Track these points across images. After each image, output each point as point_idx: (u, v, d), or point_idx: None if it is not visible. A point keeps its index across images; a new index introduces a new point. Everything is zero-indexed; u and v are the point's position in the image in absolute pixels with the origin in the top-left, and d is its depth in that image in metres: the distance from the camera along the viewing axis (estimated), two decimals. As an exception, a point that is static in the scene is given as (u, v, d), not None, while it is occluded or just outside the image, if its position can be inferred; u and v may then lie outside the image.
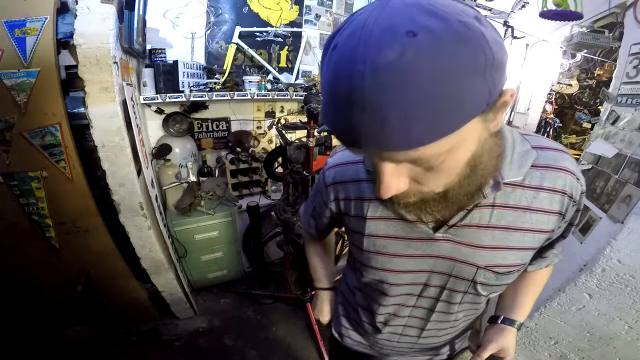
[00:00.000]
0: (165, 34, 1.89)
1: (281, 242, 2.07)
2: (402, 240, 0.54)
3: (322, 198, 0.67)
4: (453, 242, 0.51)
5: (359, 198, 0.57)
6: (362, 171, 0.57)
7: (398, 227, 0.54)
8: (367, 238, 0.57)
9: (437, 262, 0.54)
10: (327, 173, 0.63)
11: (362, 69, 0.28)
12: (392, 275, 0.58)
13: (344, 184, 0.60)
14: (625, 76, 1.60)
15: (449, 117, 0.30)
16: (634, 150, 1.40)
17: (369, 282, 0.63)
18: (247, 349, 1.83)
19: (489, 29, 0.32)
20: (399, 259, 0.56)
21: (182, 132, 2.08)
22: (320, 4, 2.43)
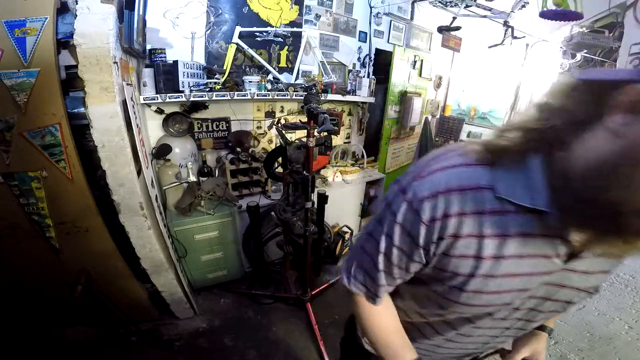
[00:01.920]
0: (165, 34, 1.89)
1: (281, 242, 2.07)
2: (522, 277, 0.48)
3: (413, 242, 0.49)
4: (569, 270, 0.48)
5: (478, 235, 0.45)
6: (488, 200, 0.44)
7: (523, 264, 0.46)
8: (477, 279, 0.48)
9: (544, 289, 0.50)
10: (428, 205, 0.46)
11: None
12: (488, 308, 0.52)
13: (460, 216, 0.45)
14: (625, 76, 1.60)
15: None
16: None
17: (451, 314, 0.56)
18: (247, 349, 1.83)
19: None
20: (507, 294, 0.49)
21: (182, 132, 2.08)
22: (320, 4, 2.43)
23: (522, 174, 0.42)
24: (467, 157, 0.46)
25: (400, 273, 0.56)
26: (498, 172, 0.44)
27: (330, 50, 2.64)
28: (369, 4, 2.74)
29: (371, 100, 2.92)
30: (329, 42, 2.60)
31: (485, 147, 0.45)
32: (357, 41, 2.79)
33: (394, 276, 0.57)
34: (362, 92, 2.80)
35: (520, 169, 0.42)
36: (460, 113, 3.95)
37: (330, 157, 2.96)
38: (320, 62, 2.48)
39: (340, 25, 2.62)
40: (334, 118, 2.89)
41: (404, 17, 2.97)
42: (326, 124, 1.42)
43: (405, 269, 0.54)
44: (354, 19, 2.68)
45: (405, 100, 3.32)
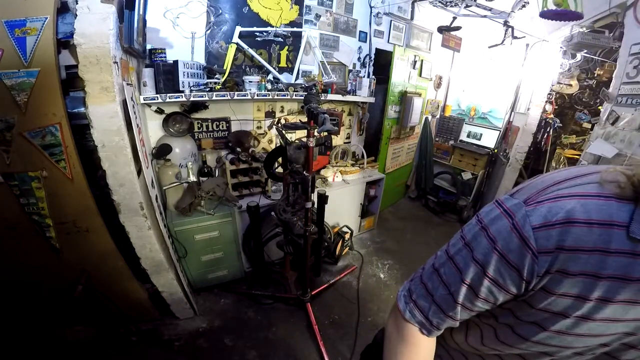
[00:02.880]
0: (166, 34, 1.89)
1: (281, 242, 2.07)
2: (624, 322, 0.41)
3: (515, 274, 0.43)
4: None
5: (591, 274, 0.39)
6: (617, 239, 0.37)
7: (632, 310, 0.40)
8: (572, 319, 0.42)
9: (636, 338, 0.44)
10: (545, 234, 0.40)
11: None
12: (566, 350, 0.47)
13: (577, 252, 0.39)
14: (626, 76, 1.60)
15: None
16: (634, 150, 1.40)
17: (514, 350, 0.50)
18: (247, 349, 1.83)
19: None
20: (596, 338, 0.44)
21: (182, 132, 2.08)
22: (320, 4, 2.43)
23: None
24: (604, 188, 0.40)
25: (482, 307, 0.49)
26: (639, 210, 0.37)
27: (330, 50, 2.64)
28: (369, 4, 2.75)
29: (371, 100, 2.92)
30: (329, 42, 2.60)
31: (631, 180, 0.38)
32: (357, 41, 2.79)
33: (473, 310, 0.50)
34: (362, 92, 2.80)
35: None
36: (460, 113, 3.95)
37: (330, 157, 2.96)
38: (320, 62, 2.49)
39: (340, 25, 2.62)
40: (334, 118, 2.89)
41: (404, 17, 2.97)
42: (326, 124, 1.42)
43: (493, 302, 0.47)
44: (354, 19, 2.68)
45: (405, 100, 3.32)
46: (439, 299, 0.51)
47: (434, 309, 0.52)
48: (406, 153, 3.90)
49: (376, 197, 3.20)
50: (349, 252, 2.87)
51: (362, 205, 2.99)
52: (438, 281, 0.52)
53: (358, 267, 2.67)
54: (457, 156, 3.83)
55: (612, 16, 1.81)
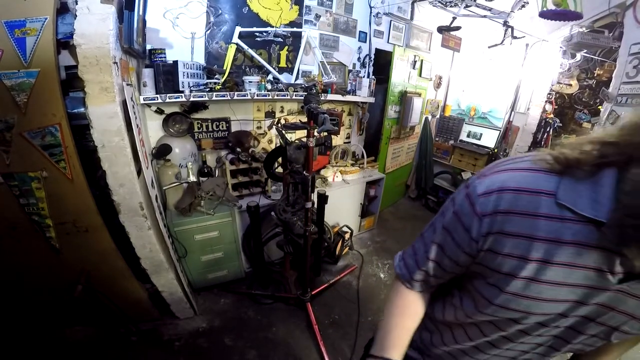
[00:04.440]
0: (165, 34, 1.89)
1: (281, 242, 2.07)
2: (567, 287, 0.47)
3: (465, 233, 0.52)
4: (625, 293, 0.46)
5: (528, 236, 0.46)
6: (545, 205, 0.45)
7: (572, 274, 0.46)
8: (519, 280, 0.48)
9: (589, 307, 0.48)
10: (483, 199, 0.49)
11: None
12: (528, 316, 0.52)
13: (510, 214, 0.47)
14: (625, 76, 1.60)
15: None
16: (633, 150, 1.40)
17: (482, 318, 0.56)
18: (247, 349, 1.83)
19: None
20: (549, 303, 0.49)
21: (182, 132, 2.08)
22: (320, 4, 2.43)
23: (590, 185, 0.43)
24: (535, 163, 0.48)
25: (450, 265, 0.58)
26: (565, 181, 0.44)
27: (330, 50, 2.64)
28: (369, 4, 2.75)
29: (371, 100, 2.92)
30: (329, 42, 2.60)
31: (557, 158, 0.46)
32: (357, 41, 2.79)
33: (444, 267, 0.59)
34: (362, 92, 2.80)
35: (590, 181, 0.43)
36: (460, 113, 3.95)
37: (330, 157, 2.96)
38: (320, 62, 2.49)
39: (340, 25, 2.62)
40: (334, 118, 2.89)
41: (404, 17, 2.97)
42: (326, 124, 1.43)
43: (456, 261, 0.56)
44: (353, 19, 2.68)
45: (405, 100, 3.32)
46: (419, 256, 0.63)
47: (414, 264, 0.64)
48: (406, 153, 3.90)
49: (376, 197, 3.20)
50: (349, 251, 2.87)
51: (362, 205, 2.99)
52: (421, 242, 0.63)
53: (358, 266, 2.67)
54: (457, 156, 3.83)
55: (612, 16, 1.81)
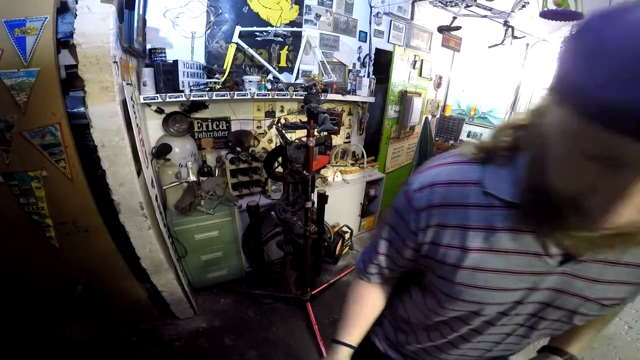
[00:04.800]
0: (165, 34, 1.89)
1: (281, 242, 2.07)
2: (512, 274, 0.48)
3: (406, 227, 0.55)
4: (570, 275, 0.46)
5: (462, 226, 0.48)
6: (473, 195, 0.47)
7: (512, 260, 0.47)
8: (464, 271, 0.50)
9: (542, 293, 0.49)
10: (419, 195, 0.51)
11: None
12: (485, 307, 0.52)
13: (444, 207, 0.49)
14: (626, 76, 1.60)
15: None
16: (634, 150, 1.40)
17: (445, 313, 0.58)
18: (247, 348, 1.83)
19: None
20: (501, 292, 0.49)
21: (182, 132, 2.08)
22: (320, 3, 2.43)
23: (509, 170, 0.45)
24: (462, 156, 0.51)
25: (398, 259, 0.61)
26: (488, 169, 0.47)
27: (330, 50, 2.64)
28: (369, 3, 2.74)
29: (371, 100, 2.92)
30: (329, 41, 2.60)
31: (480, 147, 0.49)
32: (357, 41, 2.79)
33: (394, 260, 0.63)
34: (362, 91, 2.80)
35: (509, 166, 0.45)
36: (460, 113, 3.95)
37: (330, 156, 2.96)
38: (320, 61, 2.48)
39: (340, 25, 2.62)
40: (334, 118, 2.89)
41: (404, 16, 2.97)
42: (326, 123, 1.42)
43: (402, 255, 0.60)
44: (354, 18, 2.68)
45: (405, 100, 3.32)
46: (372, 251, 0.67)
47: (368, 258, 0.68)
48: (406, 153, 3.90)
49: (376, 197, 3.20)
50: (349, 251, 2.87)
51: (362, 204, 2.99)
52: (375, 239, 0.66)
53: (358, 266, 2.67)
54: (457, 156, 3.82)
55: (612, 16, 1.81)
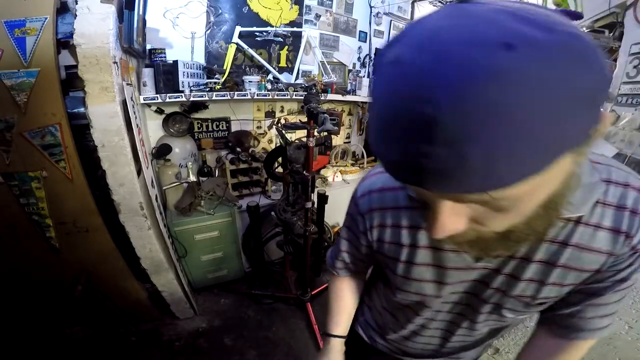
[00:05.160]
0: (165, 34, 1.89)
1: (281, 242, 2.07)
2: (440, 269, 0.53)
3: (357, 228, 0.62)
4: (491, 269, 0.50)
5: (397, 225, 0.55)
6: (402, 198, 0.53)
7: (438, 256, 0.52)
8: (403, 264, 0.56)
9: (470, 285, 0.53)
10: (361, 201, 0.59)
11: (436, 94, 0.22)
12: (426, 298, 0.58)
13: (382, 210, 0.56)
14: (625, 76, 1.61)
15: (545, 153, 0.24)
16: (634, 150, 1.40)
17: (399, 302, 0.64)
18: (247, 348, 1.83)
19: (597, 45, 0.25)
20: (434, 284, 0.55)
21: (182, 132, 2.08)
22: (320, 3, 2.43)
23: None
24: None
25: (357, 254, 0.68)
26: None
27: (330, 50, 2.64)
28: (369, 3, 2.74)
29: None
30: (329, 42, 2.60)
31: None
32: (357, 41, 2.79)
33: (355, 256, 0.69)
34: (362, 92, 2.80)
35: None
36: (460, 113, 3.95)
37: (330, 157, 2.96)
38: (320, 62, 2.48)
39: (340, 25, 2.62)
40: (334, 118, 2.89)
41: (404, 17, 2.97)
42: (326, 123, 1.42)
43: (359, 251, 0.66)
44: (354, 18, 2.68)
45: (405, 100, 3.31)
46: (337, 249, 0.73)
47: (334, 255, 0.75)
48: (406, 153, 3.90)
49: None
50: (349, 252, 2.86)
51: (362, 205, 2.98)
52: (336, 246, 0.73)
53: (358, 267, 2.67)
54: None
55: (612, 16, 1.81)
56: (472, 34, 0.22)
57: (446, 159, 0.23)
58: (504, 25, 0.22)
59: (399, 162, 0.27)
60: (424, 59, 0.23)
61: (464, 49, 0.22)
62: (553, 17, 0.24)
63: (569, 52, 0.22)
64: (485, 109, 0.21)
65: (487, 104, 0.21)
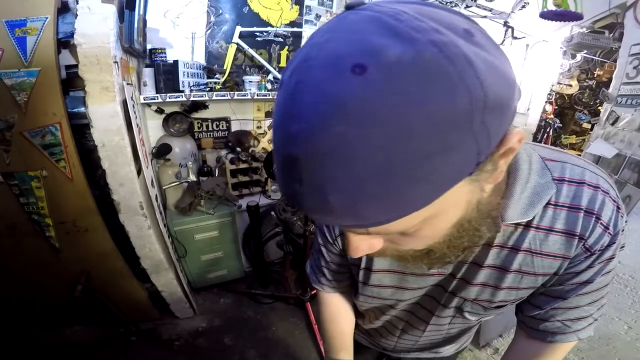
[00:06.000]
0: (166, 34, 1.89)
1: (281, 242, 2.07)
2: (399, 274, 0.53)
3: (326, 240, 0.61)
4: (446, 274, 0.50)
5: None
6: None
7: (393, 262, 0.52)
8: (362, 271, 0.57)
9: (429, 289, 0.54)
10: None
11: (296, 130, 0.21)
12: (386, 300, 0.59)
13: None
14: (625, 77, 1.61)
15: (416, 192, 0.21)
16: (633, 150, 1.40)
17: (364, 304, 0.65)
18: (247, 348, 1.83)
19: (484, 49, 0.22)
20: (393, 289, 0.56)
21: (182, 132, 2.08)
22: (321, 4, 2.43)
23: None
24: None
25: (334, 267, 0.64)
26: None
27: (331, 50, 2.63)
28: (369, 4, 2.74)
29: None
30: (329, 42, 2.60)
31: None
32: (357, 41, 2.79)
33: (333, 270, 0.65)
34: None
35: None
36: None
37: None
38: (321, 62, 2.48)
39: (341, 26, 2.62)
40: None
41: (404, 17, 2.97)
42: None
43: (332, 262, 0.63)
44: (354, 19, 2.68)
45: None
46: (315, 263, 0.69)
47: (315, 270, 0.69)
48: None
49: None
50: (349, 252, 2.87)
51: (362, 205, 2.98)
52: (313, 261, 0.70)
53: (358, 267, 2.67)
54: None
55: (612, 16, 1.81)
56: (332, 54, 0.21)
57: (312, 200, 0.22)
58: (364, 40, 0.20)
59: (286, 194, 0.25)
60: (291, 89, 0.22)
61: (320, 75, 0.20)
62: (429, 20, 0.21)
63: (422, 68, 0.19)
64: (335, 148, 0.20)
65: (337, 141, 0.19)
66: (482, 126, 0.21)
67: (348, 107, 0.19)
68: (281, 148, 0.23)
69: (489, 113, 0.21)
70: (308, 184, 0.22)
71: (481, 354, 1.76)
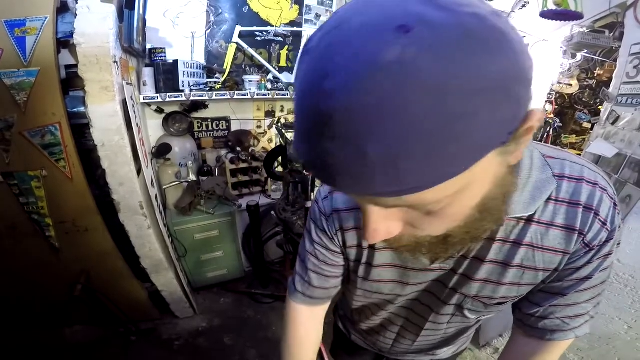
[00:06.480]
0: (165, 34, 1.89)
1: (281, 242, 2.07)
2: (400, 269, 0.53)
3: (325, 235, 0.57)
4: (447, 270, 0.50)
5: (356, 227, 0.53)
6: None
7: (395, 256, 0.52)
8: (363, 266, 0.56)
9: (429, 285, 0.54)
10: (324, 203, 0.55)
11: (332, 85, 0.21)
12: (385, 296, 0.59)
13: (341, 212, 0.53)
14: (626, 76, 1.60)
15: (455, 153, 0.21)
16: (634, 150, 1.40)
17: (361, 301, 0.64)
18: (247, 348, 1.83)
19: (513, 28, 0.23)
20: (394, 284, 0.55)
21: (182, 132, 2.08)
22: (321, 3, 2.43)
23: None
24: None
25: (329, 270, 0.59)
26: None
27: (331, 50, 2.63)
28: (369, 3, 2.74)
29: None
30: (329, 41, 2.59)
31: None
32: (357, 41, 2.78)
33: (323, 274, 0.60)
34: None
35: None
36: (460, 113, 3.95)
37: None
38: (321, 61, 2.48)
39: (341, 25, 2.62)
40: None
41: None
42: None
43: (330, 264, 0.59)
44: (354, 18, 2.67)
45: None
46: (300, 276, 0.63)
47: (297, 278, 0.64)
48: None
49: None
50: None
51: (362, 205, 2.98)
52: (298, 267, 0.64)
53: (358, 266, 2.67)
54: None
55: (612, 16, 1.81)
56: (372, 18, 0.21)
57: (346, 156, 0.22)
58: (407, 8, 0.21)
59: (311, 161, 0.25)
60: (325, 48, 0.22)
61: (362, 35, 0.20)
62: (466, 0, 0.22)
63: (467, 33, 0.20)
64: (378, 101, 0.20)
65: (380, 95, 0.19)
66: (516, 94, 0.23)
67: (391, 62, 0.19)
68: (311, 106, 0.22)
69: (521, 84, 0.23)
70: (344, 139, 0.21)
71: (481, 354, 1.76)
